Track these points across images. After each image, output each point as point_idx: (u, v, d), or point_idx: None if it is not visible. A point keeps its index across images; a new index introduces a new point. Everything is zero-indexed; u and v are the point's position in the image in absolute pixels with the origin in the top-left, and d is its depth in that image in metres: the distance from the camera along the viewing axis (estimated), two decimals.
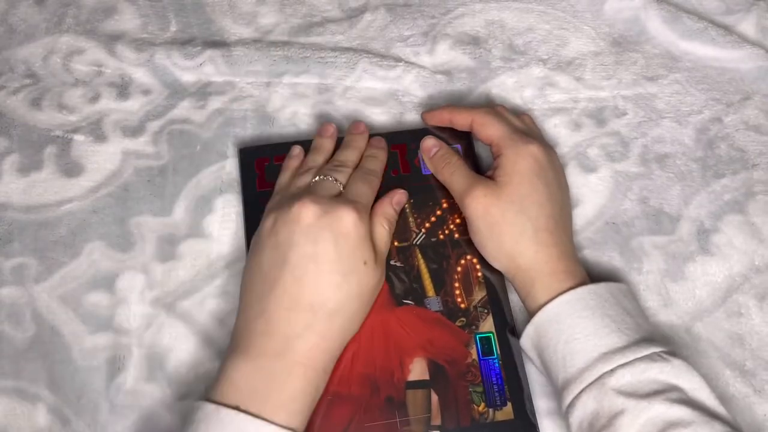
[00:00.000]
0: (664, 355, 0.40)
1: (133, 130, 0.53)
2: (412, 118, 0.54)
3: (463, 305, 0.46)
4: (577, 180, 0.52)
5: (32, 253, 0.49)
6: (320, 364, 0.41)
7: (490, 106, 0.50)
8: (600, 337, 0.41)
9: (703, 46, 0.57)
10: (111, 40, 0.57)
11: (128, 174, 0.52)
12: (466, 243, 0.48)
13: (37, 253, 0.49)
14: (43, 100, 0.55)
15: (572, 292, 0.42)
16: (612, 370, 0.39)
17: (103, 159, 0.52)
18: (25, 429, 0.45)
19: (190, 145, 0.53)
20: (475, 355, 0.45)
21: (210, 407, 0.38)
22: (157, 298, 0.48)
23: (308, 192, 0.44)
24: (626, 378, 0.39)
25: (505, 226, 0.45)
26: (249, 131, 0.53)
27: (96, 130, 0.53)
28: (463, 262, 0.48)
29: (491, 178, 0.46)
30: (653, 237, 0.50)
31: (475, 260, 0.48)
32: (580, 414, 0.40)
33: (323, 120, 0.54)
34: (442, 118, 0.51)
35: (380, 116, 0.54)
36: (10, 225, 0.50)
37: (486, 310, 0.46)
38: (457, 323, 0.46)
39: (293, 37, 0.57)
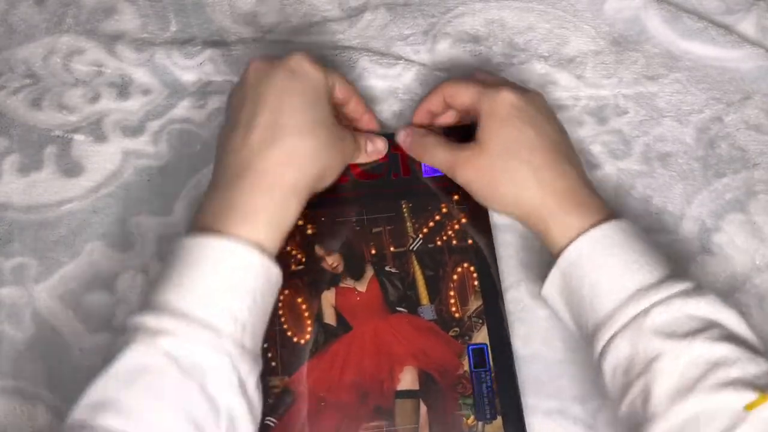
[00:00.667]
0: (698, 289, 0.37)
1: (133, 130, 0.53)
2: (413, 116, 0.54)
3: (457, 315, 0.46)
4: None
5: (32, 253, 0.49)
6: (287, 183, 0.40)
7: (455, 76, 0.49)
8: (630, 275, 0.38)
9: (704, 46, 0.57)
10: (111, 40, 0.57)
11: (128, 174, 0.52)
12: (464, 250, 0.48)
13: (37, 253, 0.49)
14: (43, 100, 0.55)
15: (595, 229, 0.40)
16: (646, 310, 0.37)
17: (103, 159, 0.52)
18: (25, 429, 0.45)
19: (190, 144, 0.53)
20: (467, 367, 0.44)
21: (175, 242, 0.39)
22: None
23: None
24: (663, 317, 0.36)
25: (499, 178, 0.43)
26: None
27: (96, 130, 0.53)
28: (459, 270, 0.47)
29: (473, 141, 0.45)
30: (657, 236, 0.50)
31: (471, 268, 0.47)
32: (613, 360, 0.37)
33: None
34: (422, 115, 0.49)
35: (380, 114, 0.54)
36: (10, 225, 0.50)
37: (480, 321, 0.46)
38: (451, 333, 0.45)
39: (293, 37, 0.57)
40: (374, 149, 0.49)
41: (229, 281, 0.37)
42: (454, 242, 0.48)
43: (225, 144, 0.42)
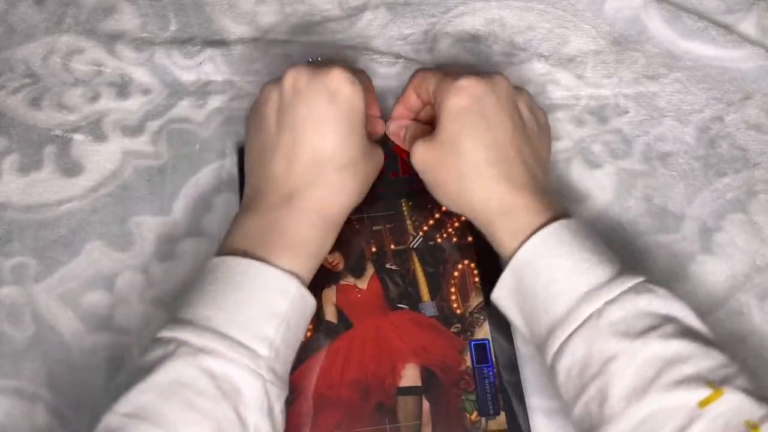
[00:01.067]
0: (649, 285, 0.37)
1: (133, 130, 0.53)
2: None
3: (458, 311, 0.46)
4: (583, 174, 0.52)
5: (32, 253, 0.49)
6: (328, 216, 0.41)
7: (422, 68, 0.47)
8: (581, 274, 0.37)
9: (704, 46, 0.57)
10: (111, 40, 0.57)
11: (128, 174, 0.52)
12: (464, 247, 0.48)
13: (37, 253, 0.49)
14: (43, 99, 0.55)
15: (543, 230, 0.39)
16: (599, 310, 0.36)
17: (102, 159, 0.52)
18: (24, 429, 0.45)
19: (190, 144, 0.53)
20: (469, 363, 0.44)
21: (215, 260, 0.39)
22: (156, 297, 0.48)
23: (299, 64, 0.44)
24: (616, 315, 0.36)
25: (444, 172, 0.42)
26: None
27: (96, 130, 0.53)
28: (460, 266, 0.47)
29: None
30: (657, 236, 0.50)
31: (472, 265, 0.47)
32: (567, 362, 0.37)
33: None
34: (400, 111, 0.48)
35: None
36: (10, 225, 0.50)
37: (482, 317, 0.46)
38: (452, 329, 0.45)
39: (293, 36, 0.57)
40: (373, 131, 0.48)
41: (268, 308, 0.38)
42: (455, 239, 0.48)
43: (265, 168, 0.42)
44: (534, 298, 0.39)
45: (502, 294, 0.41)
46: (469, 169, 0.41)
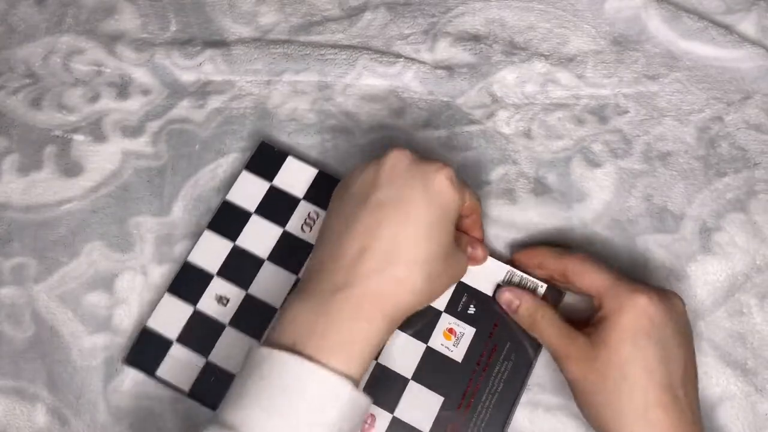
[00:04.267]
0: None
1: (133, 130, 0.53)
2: (412, 114, 0.54)
3: None
4: (584, 173, 0.52)
5: (32, 253, 0.49)
6: (388, 312, 0.37)
7: (585, 253, 0.44)
8: None
9: (704, 46, 0.57)
10: (111, 40, 0.57)
11: (128, 174, 0.52)
12: None
13: (37, 253, 0.49)
14: (43, 99, 0.55)
15: None
16: None
17: (102, 159, 0.52)
18: (24, 429, 0.45)
19: (189, 144, 0.53)
20: None
21: (263, 351, 0.36)
22: (155, 298, 0.48)
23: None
24: None
25: (605, 397, 0.38)
26: (248, 128, 0.53)
27: (96, 130, 0.53)
28: None
29: (589, 334, 0.40)
30: (657, 235, 0.50)
31: None
32: None
33: (323, 117, 0.54)
34: (531, 262, 0.46)
35: (379, 113, 0.54)
36: (10, 225, 0.50)
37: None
38: None
39: (293, 36, 0.57)
40: (473, 256, 0.45)
41: (319, 417, 0.35)
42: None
43: (337, 245, 0.39)
44: None
45: None
46: (636, 407, 0.37)
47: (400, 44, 0.57)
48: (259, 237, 0.48)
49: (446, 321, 0.46)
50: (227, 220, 0.49)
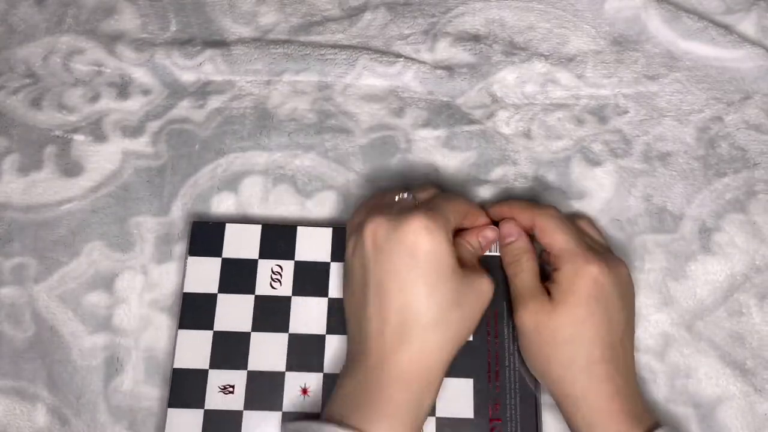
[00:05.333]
0: None
1: (133, 130, 0.53)
2: (412, 114, 0.54)
3: None
4: (583, 172, 0.52)
5: (32, 253, 0.49)
6: (423, 377, 0.40)
7: (552, 208, 0.46)
8: None
9: (704, 46, 0.57)
10: (111, 40, 0.57)
11: (128, 174, 0.52)
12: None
13: (37, 253, 0.49)
14: (43, 100, 0.55)
15: None
16: None
17: (102, 159, 0.52)
18: (24, 429, 0.45)
19: (189, 144, 0.53)
20: None
21: (314, 426, 0.38)
22: (155, 298, 0.48)
23: (380, 210, 0.42)
24: None
25: (554, 350, 0.41)
26: (248, 128, 0.53)
27: (96, 130, 0.53)
28: None
29: (547, 291, 0.43)
30: (656, 235, 0.50)
31: None
32: None
33: (324, 116, 0.54)
34: (503, 213, 0.47)
35: (379, 113, 0.54)
36: (10, 225, 0.50)
37: None
38: None
39: (293, 36, 0.57)
40: (486, 242, 0.47)
41: None
42: None
43: (360, 326, 0.41)
44: None
45: None
46: (581, 361, 0.41)
47: (400, 44, 0.57)
48: (235, 313, 0.46)
49: None
50: (195, 312, 0.46)
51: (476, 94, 0.55)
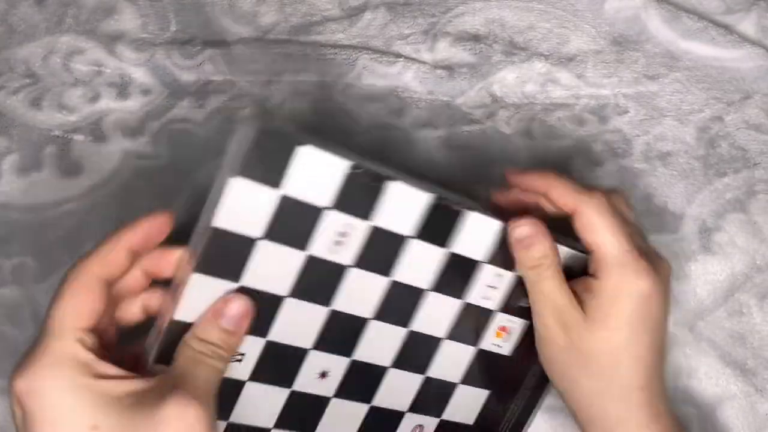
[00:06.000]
0: None
1: (133, 130, 0.53)
2: (412, 114, 0.54)
3: None
4: (583, 173, 0.52)
5: (32, 253, 0.49)
6: None
7: (602, 195, 0.38)
8: None
9: (704, 46, 0.57)
10: (111, 40, 0.57)
11: (128, 174, 0.52)
12: None
13: (37, 253, 0.49)
14: (43, 100, 0.55)
15: None
16: None
17: (102, 159, 0.52)
18: None
19: (189, 144, 0.53)
20: None
21: None
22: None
23: None
24: None
25: (585, 373, 0.37)
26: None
27: (96, 130, 0.53)
28: None
29: (581, 302, 0.37)
30: (658, 235, 0.50)
31: None
32: None
33: (324, 117, 0.54)
34: (534, 185, 0.40)
35: (379, 113, 0.54)
36: (10, 225, 0.50)
37: None
38: None
39: (293, 36, 0.57)
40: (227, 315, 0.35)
41: None
42: None
43: None
44: None
45: None
46: (617, 390, 0.36)
47: (400, 44, 0.57)
48: (273, 270, 0.35)
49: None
50: (222, 254, 0.34)
51: (476, 94, 0.55)
